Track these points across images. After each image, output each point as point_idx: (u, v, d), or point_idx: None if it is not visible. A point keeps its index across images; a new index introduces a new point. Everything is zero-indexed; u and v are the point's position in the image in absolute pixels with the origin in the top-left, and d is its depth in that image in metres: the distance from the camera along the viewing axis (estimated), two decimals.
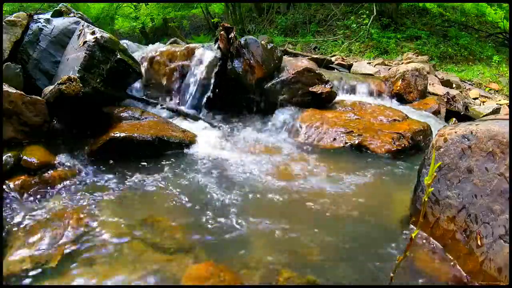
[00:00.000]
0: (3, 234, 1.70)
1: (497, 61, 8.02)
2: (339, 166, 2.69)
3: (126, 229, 1.78)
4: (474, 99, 6.02)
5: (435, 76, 6.54)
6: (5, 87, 2.40)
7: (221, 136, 3.26)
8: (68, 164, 2.35)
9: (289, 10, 12.32)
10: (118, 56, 2.98)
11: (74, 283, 1.44)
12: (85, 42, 2.94)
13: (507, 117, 1.77)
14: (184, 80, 3.78)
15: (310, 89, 3.80)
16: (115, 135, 2.58)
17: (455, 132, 1.67)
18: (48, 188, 2.11)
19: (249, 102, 3.83)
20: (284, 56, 4.36)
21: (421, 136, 3.19)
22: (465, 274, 1.49)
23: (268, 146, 3.11)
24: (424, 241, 1.70)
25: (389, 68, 6.21)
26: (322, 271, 1.55)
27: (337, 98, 4.01)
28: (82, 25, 3.26)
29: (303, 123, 3.40)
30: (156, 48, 4.06)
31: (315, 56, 7.54)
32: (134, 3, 14.95)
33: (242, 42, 3.76)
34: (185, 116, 3.58)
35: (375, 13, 9.62)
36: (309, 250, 1.69)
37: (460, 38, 9.13)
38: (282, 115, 3.63)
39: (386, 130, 3.21)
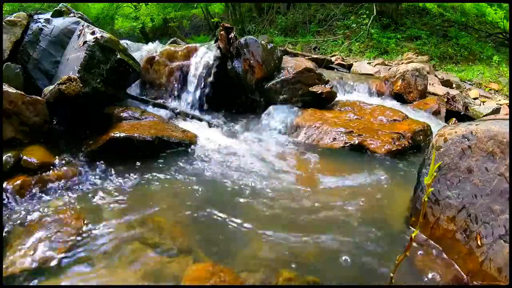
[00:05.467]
0: (3, 234, 1.70)
1: (497, 61, 8.03)
2: (339, 166, 2.69)
3: (126, 229, 1.78)
4: (474, 99, 6.02)
5: (435, 76, 6.54)
6: (5, 87, 2.40)
7: (221, 136, 3.26)
8: (68, 164, 2.35)
9: (289, 10, 12.33)
10: (118, 56, 2.98)
11: (74, 283, 1.44)
12: (85, 42, 2.94)
13: (507, 117, 1.77)
14: (184, 80, 3.78)
15: (310, 89, 3.80)
16: (115, 135, 2.58)
17: (455, 132, 1.67)
18: (48, 188, 2.11)
19: (249, 102, 3.83)
20: (284, 56, 4.36)
21: (421, 136, 3.18)
22: (465, 274, 1.49)
23: (268, 146, 3.11)
24: (424, 241, 1.70)
25: (389, 68, 6.22)
26: (322, 271, 1.55)
27: (337, 98, 4.01)
28: (82, 25, 3.26)
29: (303, 123, 3.40)
30: (156, 48, 4.06)
31: (315, 56, 7.54)
32: (134, 3, 14.95)
33: (242, 42, 3.76)
34: (185, 116, 3.58)
35: (375, 13, 9.62)
36: (309, 250, 1.69)
37: (460, 38, 9.13)
38: (282, 115, 3.63)
39: (386, 130, 3.21)
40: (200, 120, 3.55)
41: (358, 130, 3.19)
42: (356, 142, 3.03)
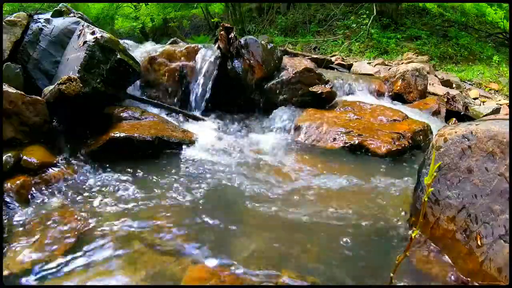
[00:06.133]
0: (3, 234, 1.70)
1: (497, 61, 8.02)
2: (339, 166, 2.69)
3: (126, 229, 1.78)
4: (474, 99, 6.02)
5: (435, 76, 6.54)
6: (5, 87, 2.40)
7: (221, 136, 3.26)
8: (68, 164, 2.35)
9: (289, 10, 12.32)
10: (118, 56, 2.98)
11: (74, 283, 1.44)
12: (85, 42, 2.94)
13: (507, 117, 1.77)
14: (184, 80, 3.78)
15: (310, 89, 3.80)
16: (115, 135, 2.58)
17: (455, 132, 1.67)
18: (48, 188, 2.11)
19: (249, 102, 3.83)
20: (284, 56, 4.36)
21: (421, 136, 3.19)
22: (465, 274, 1.49)
23: (268, 146, 3.11)
24: (424, 241, 1.70)
25: (389, 68, 6.21)
26: (322, 271, 1.55)
27: (337, 98, 4.01)
28: (82, 25, 3.26)
29: (303, 123, 3.40)
30: (156, 48, 4.06)
31: (315, 56, 7.53)
32: (134, 3, 14.95)
33: (242, 42, 3.76)
34: (185, 116, 3.58)
35: (375, 13, 9.62)
36: (309, 250, 1.69)
37: (460, 38, 9.12)
38: (282, 115, 3.63)
39: (386, 130, 3.21)
40: (200, 120, 3.55)
41: (358, 130, 3.19)
42: (356, 142, 3.03)
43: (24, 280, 1.45)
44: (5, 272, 1.46)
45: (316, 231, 1.82)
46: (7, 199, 1.95)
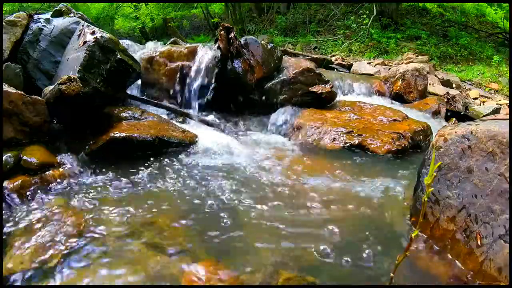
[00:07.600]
0: (3, 234, 1.70)
1: (497, 61, 8.02)
2: (339, 166, 2.69)
3: (126, 229, 1.78)
4: (474, 99, 6.03)
5: (435, 76, 6.54)
6: (5, 87, 2.40)
7: (220, 136, 3.26)
8: (68, 164, 2.35)
9: (289, 10, 12.33)
10: (118, 56, 2.98)
11: (74, 283, 1.44)
12: (85, 42, 2.94)
13: (507, 117, 1.77)
14: (184, 80, 3.78)
15: (310, 89, 3.80)
16: (115, 135, 2.58)
17: (455, 132, 1.67)
18: (48, 188, 2.11)
19: (249, 102, 3.83)
20: (284, 56, 4.36)
21: (421, 136, 3.19)
22: (465, 274, 1.49)
23: (268, 146, 3.11)
24: (424, 241, 1.70)
25: (389, 68, 6.22)
26: (321, 271, 1.55)
27: (337, 98, 4.01)
28: (82, 25, 3.26)
29: (303, 123, 3.40)
30: (156, 48, 4.06)
31: (315, 56, 7.54)
32: (134, 3, 14.96)
33: (242, 42, 3.76)
34: (185, 116, 3.58)
35: (375, 13, 9.63)
36: (309, 250, 1.69)
37: (460, 38, 9.13)
38: (282, 115, 3.63)
39: (386, 130, 3.21)
40: (200, 120, 3.55)
41: (358, 130, 3.19)
42: (356, 142, 3.03)
43: (24, 281, 1.45)
44: (5, 272, 1.46)
45: (315, 231, 1.82)
46: (7, 199, 1.95)
